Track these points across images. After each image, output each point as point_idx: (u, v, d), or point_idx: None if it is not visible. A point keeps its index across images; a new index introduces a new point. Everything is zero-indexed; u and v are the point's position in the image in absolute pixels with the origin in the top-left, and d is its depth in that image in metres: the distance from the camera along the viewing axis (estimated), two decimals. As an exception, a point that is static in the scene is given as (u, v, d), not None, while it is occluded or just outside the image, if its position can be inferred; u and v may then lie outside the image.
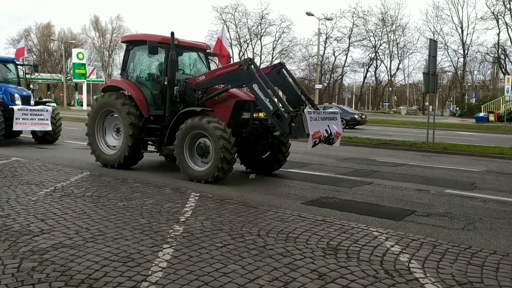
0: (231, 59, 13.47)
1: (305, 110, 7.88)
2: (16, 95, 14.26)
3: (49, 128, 14.43)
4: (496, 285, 3.96)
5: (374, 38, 62.26)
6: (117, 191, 7.41)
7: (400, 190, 8.47)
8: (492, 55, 53.44)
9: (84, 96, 60.64)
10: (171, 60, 9.31)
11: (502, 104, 37.47)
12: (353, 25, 62.06)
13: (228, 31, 68.51)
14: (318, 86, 43.77)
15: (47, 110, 14.34)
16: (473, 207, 7.24)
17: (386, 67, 67.32)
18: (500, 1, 46.77)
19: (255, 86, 8.38)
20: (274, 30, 62.80)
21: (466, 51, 54.19)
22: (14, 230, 5.10)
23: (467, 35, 55.01)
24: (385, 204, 7.27)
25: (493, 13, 48.22)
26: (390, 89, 72.71)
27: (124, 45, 11.08)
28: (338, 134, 8.52)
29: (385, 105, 79.37)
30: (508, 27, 47.78)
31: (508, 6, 46.24)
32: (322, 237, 5.19)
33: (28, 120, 13.90)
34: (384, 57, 63.74)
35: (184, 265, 4.20)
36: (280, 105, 8.41)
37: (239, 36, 65.89)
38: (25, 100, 14.43)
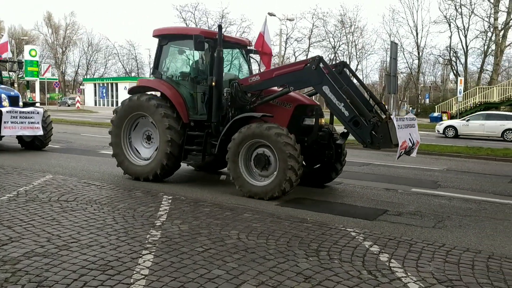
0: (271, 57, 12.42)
1: (392, 117, 7.02)
2: (3, 96, 12.65)
3: (41, 132, 12.86)
4: (474, 282, 4.10)
5: (334, 39, 63.33)
6: (84, 195, 7.15)
7: (369, 190, 8.64)
8: (445, 58, 55.61)
9: (37, 94, 58.23)
10: (218, 58, 8.04)
11: (454, 104, 39.08)
12: (313, 26, 62.81)
13: (188, 30, 67.69)
14: (279, 86, 44.02)
15: (38, 113, 12.82)
16: (440, 205, 7.48)
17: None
18: (452, 6, 48.73)
19: (326, 89, 7.31)
20: (234, 30, 62.65)
21: (420, 53, 56.10)
22: (-21, 239, 4.81)
23: (421, 37, 56.96)
24: (358, 204, 7.39)
25: (445, 17, 50.13)
26: (348, 89, 74.09)
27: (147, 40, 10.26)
28: (417, 143, 7.72)
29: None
30: (460, 30, 49.86)
31: (459, 10, 48.23)
32: (302, 239, 5.20)
33: (17, 124, 12.37)
34: (343, 58, 64.90)
35: (167, 271, 4.10)
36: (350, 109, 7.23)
37: (199, 35, 65.32)
38: (13, 101, 12.86)
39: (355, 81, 8.71)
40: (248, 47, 9.59)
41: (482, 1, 44.10)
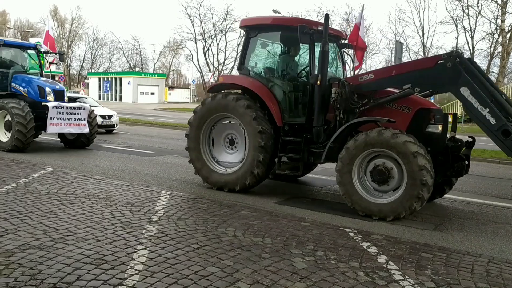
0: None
1: None
2: (48, 89, 11.59)
3: (87, 130, 11.95)
4: (473, 286, 4.03)
5: (338, 38, 63.21)
6: (83, 188, 7.12)
7: (370, 190, 8.56)
8: (451, 59, 55.32)
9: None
10: (323, 52, 6.90)
11: (460, 106, 38.91)
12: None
13: (193, 26, 67.78)
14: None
15: (84, 109, 11.87)
16: (441, 207, 7.41)
17: (349, 66, 68.55)
18: (459, 6, 48.43)
19: (465, 91, 6.22)
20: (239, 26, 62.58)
21: (426, 54, 55.80)
22: (-26, 230, 4.78)
23: (427, 38, 56.71)
24: (357, 204, 7.32)
25: (452, 17, 49.77)
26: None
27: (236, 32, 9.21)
28: None
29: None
30: (466, 31, 49.57)
31: (466, 11, 47.91)
32: (299, 238, 5.15)
33: (63, 120, 11.38)
34: (348, 57, 64.84)
35: (161, 267, 4.06)
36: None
37: (203, 31, 65.23)
38: (58, 96, 11.80)
39: None
40: (343, 40, 8.43)
41: (490, 2, 43.64)
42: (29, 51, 13.12)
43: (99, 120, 15.09)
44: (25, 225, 5.04)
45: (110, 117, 17.36)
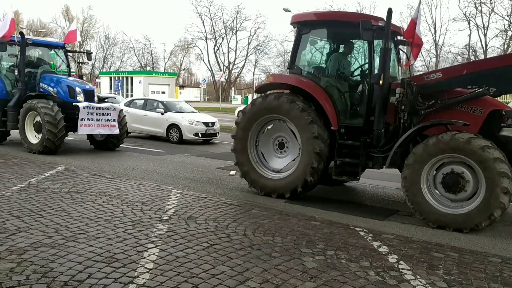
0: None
1: None
2: (78, 89, 11.28)
3: (117, 131, 11.53)
4: (485, 286, 3.99)
5: (349, 35, 62.93)
6: (94, 187, 7.17)
7: (381, 189, 8.52)
8: (463, 56, 54.77)
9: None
10: (386, 50, 6.40)
11: None
12: (328, 22, 62.49)
13: (204, 25, 67.91)
14: (293, 82, 43.81)
15: (114, 109, 11.47)
16: (453, 206, 7.33)
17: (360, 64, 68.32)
18: (472, 4, 47.91)
19: None
20: (249, 25, 62.70)
21: (438, 51, 55.33)
22: (-12, 228, 4.84)
23: (439, 35, 56.20)
24: (368, 203, 7.29)
25: (465, 14, 49.29)
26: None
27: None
28: None
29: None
30: (479, 29, 49.04)
31: (479, 8, 47.41)
32: (310, 237, 5.13)
33: (94, 121, 11.02)
34: (359, 55, 64.55)
35: (171, 266, 4.07)
36: None
37: (214, 30, 65.37)
38: (88, 96, 11.48)
39: None
40: (399, 37, 7.76)
41: (503, -1, 43.25)
42: (56, 50, 12.85)
43: (201, 128, 14.33)
44: (37, 224, 5.09)
45: (213, 124, 14.98)
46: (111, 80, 65.77)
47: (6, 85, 11.88)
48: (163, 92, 61.81)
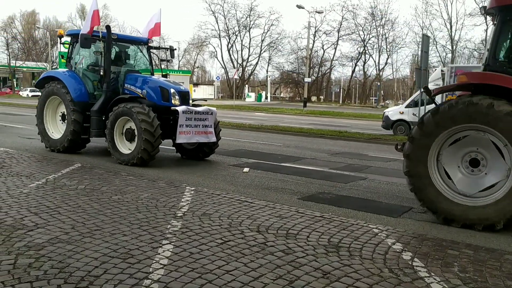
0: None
1: None
2: (172, 91, 9.73)
3: (214, 138, 10.13)
4: (501, 284, 3.95)
5: (363, 32, 62.51)
6: (110, 184, 7.27)
7: (395, 186, 8.47)
8: (480, 51, 53.97)
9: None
10: None
11: None
12: (342, 18, 62.24)
13: (217, 23, 68.00)
14: (307, 79, 43.73)
15: (211, 113, 9.99)
16: (468, 204, 7.25)
17: (375, 61, 67.73)
18: (488, -2, 47.22)
19: None
20: (263, 22, 62.66)
21: (454, 47, 54.66)
22: (7, 224, 4.95)
23: (455, 30, 55.53)
24: (382, 200, 7.26)
25: (481, 9, 48.67)
26: (378, 83, 73.09)
27: None
28: None
29: (372, 99, 79.83)
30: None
31: (496, 3, 46.64)
32: (323, 234, 5.14)
33: (191, 127, 9.57)
34: (373, 52, 64.04)
35: (186, 262, 4.12)
36: None
37: (227, 27, 65.45)
38: (183, 99, 9.92)
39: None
40: None
41: (521, -7, 42.53)
42: (140, 46, 11.49)
43: None
44: (55, 220, 5.18)
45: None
46: (125, 78, 66.29)
47: (87, 86, 10.55)
48: (177, 90, 62.20)
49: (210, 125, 9.97)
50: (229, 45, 67.26)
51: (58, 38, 11.61)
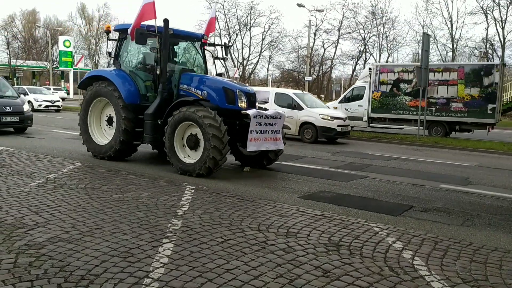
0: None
1: None
2: (238, 92, 8.75)
3: (283, 146, 9.29)
4: (501, 283, 3.94)
5: (364, 30, 62.26)
6: (110, 183, 7.27)
7: (395, 185, 8.46)
8: (481, 50, 53.89)
9: (71, 84, 59.79)
10: None
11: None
12: (343, 17, 61.90)
13: (218, 22, 67.85)
14: (308, 78, 43.66)
15: (280, 117, 9.06)
16: (469, 202, 7.26)
17: (375, 60, 67.54)
18: (489, -4, 47.11)
19: None
20: (263, 21, 62.54)
21: (455, 45, 54.53)
22: (7, 223, 4.95)
23: (456, 29, 55.36)
24: (382, 199, 7.25)
25: (482, 8, 48.56)
26: (379, 82, 72.86)
27: None
28: None
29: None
30: (497, 22, 48.22)
31: (497, 1, 46.63)
32: (323, 233, 5.13)
33: (261, 133, 8.64)
34: (374, 50, 63.89)
35: (186, 261, 4.11)
36: None
37: (228, 26, 65.35)
38: (250, 101, 8.93)
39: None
40: None
41: (522, -9, 42.41)
42: (194, 43, 10.50)
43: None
44: (55, 219, 5.18)
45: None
46: (126, 77, 66.15)
47: (139, 87, 9.54)
48: (178, 89, 62.06)
49: (279, 130, 9.09)
50: (230, 44, 67.34)
51: (106, 34, 10.40)
